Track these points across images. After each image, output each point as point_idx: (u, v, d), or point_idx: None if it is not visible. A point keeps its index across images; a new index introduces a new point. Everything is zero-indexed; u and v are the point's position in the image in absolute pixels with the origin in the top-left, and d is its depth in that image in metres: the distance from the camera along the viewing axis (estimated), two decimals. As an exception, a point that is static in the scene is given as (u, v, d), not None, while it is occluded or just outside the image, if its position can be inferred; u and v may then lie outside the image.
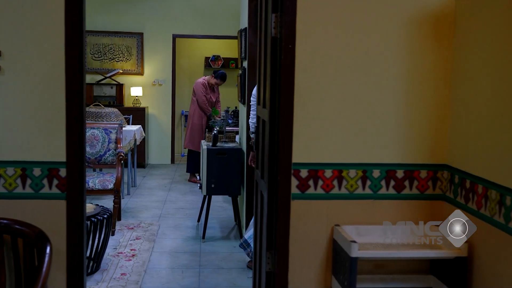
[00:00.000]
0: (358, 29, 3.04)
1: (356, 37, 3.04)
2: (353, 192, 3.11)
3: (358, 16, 3.03)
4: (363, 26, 3.04)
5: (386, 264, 3.15)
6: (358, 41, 3.04)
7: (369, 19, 3.03)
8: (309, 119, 3.04)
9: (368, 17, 3.02)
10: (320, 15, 3.01)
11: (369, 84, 3.06)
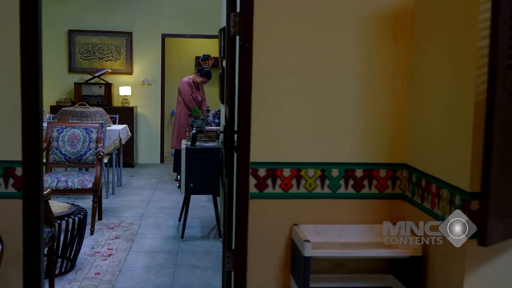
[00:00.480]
0: (317, 28, 3.03)
1: (314, 36, 3.03)
2: (312, 191, 3.10)
3: (316, 15, 3.02)
4: (321, 25, 3.03)
5: (345, 263, 3.14)
6: (316, 40, 3.03)
7: (327, 18, 3.02)
8: (268, 118, 3.04)
9: (326, 16, 3.02)
10: (278, 14, 3.00)
11: (328, 83, 3.05)
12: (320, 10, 2.99)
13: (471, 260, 2.47)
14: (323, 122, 3.05)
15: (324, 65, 3.02)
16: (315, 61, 3.02)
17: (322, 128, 3.05)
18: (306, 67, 3.02)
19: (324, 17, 3.00)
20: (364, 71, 3.04)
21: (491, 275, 2.49)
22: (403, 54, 3.05)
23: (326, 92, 3.04)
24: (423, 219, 2.85)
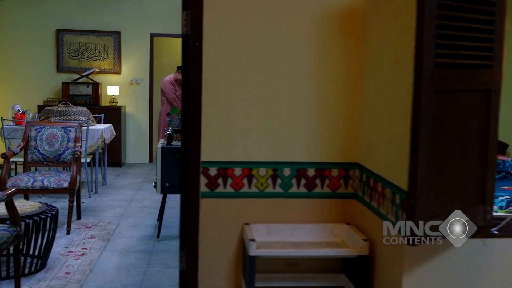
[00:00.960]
0: (268, 26, 3.02)
1: (265, 34, 3.02)
2: (263, 190, 3.09)
3: (267, 14, 3.01)
4: (273, 24, 3.02)
5: (298, 263, 3.14)
6: (267, 39, 3.03)
7: (278, 16, 3.01)
8: (218, 117, 3.03)
9: (278, 15, 3.01)
10: (228, 12, 3.00)
11: (279, 83, 3.04)
12: (271, 8, 2.99)
13: (409, 259, 2.47)
14: (274, 121, 3.04)
15: (275, 64, 3.01)
16: (267, 60, 3.01)
17: (273, 127, 3.04)
18: (257, 66, 3.01)
19: (275, 16, 2.99)
20: (316, 70, 3.03)
21: (429, 274, 2.48)
22: (355, 53, 3.04)
23: (278, 91, 3.03)
24: (372, 218, 2.85)
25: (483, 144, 2.34)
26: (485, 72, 2.29)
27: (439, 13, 2.07)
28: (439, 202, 2.20)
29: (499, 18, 2.30)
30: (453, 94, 2.18)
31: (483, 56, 2.29)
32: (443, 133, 2.17)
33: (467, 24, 2.18)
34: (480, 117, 2.32)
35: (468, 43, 2.21)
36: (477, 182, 2.35)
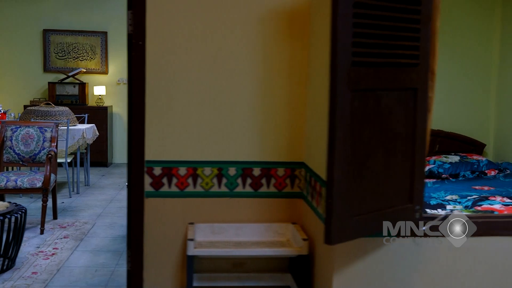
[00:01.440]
0: (212, 26, 3.02)
1: (209, 34, 3.02)
2: (208, 190, 3.09)
3: (212, 13, 3.01)
4: (217, 23, 3.02)
5: (245, 262, 3.13)
6: (211, 38, 3.02)
7: (222, 16, 3.01)
8: (163, 116, 3.03)
9: (222, 14, 3.00)
10: (172, 12, 2.99)
11: (224, 82, 3.04)
12: (215, 8, 2.98)
13: (340, 258, 2.46)
14: (219, 120, 3.04)
15: (220, 64, 3.01)
16: (211, 60, 3.01)
17: (218, 127, 3.04)
18: (202, 65, 3.01)
19: (219, 15, 2.99)
20: (262, 70, 3.02)
21: (360, 272, 2.47)
22: (300, 52, 3.04)
23: (223, 90, 3.02)
24: (313, 217, 2.84)
25: (410, 144, 2.32)
26: (411, 71, 2.28)
27: (355, 12, 2.05)
28: (361, 200, 2.19)
29: (425, 17, 2.28)
30: (374, 93, 2.17)
31: (408, 55, 2.27)
32: (364, 132, 2.16)
33: (388, 23, 2.17)
34: (407, 116, 2.30)
35: (390, 42, 2.19)
36: (405, 181, 2.34)
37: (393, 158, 2.28)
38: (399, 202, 2.34)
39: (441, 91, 6.45)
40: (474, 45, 6.50)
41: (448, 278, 2.51)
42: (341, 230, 2.13)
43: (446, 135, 6.52)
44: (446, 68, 6.47)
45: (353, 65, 2.07)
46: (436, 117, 6.34)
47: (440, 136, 6.51)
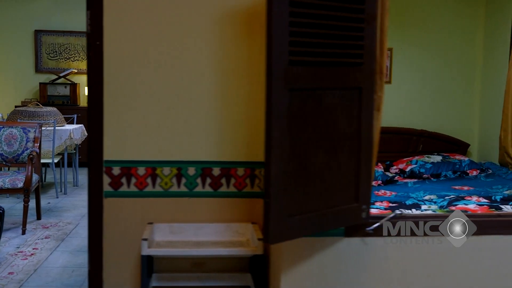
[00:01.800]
0: (170, 25, 3.02)
1: (168, 34, 3.02)
2: (167, 190, 3.08)
3: (170, 12, 3.01)
4: (176, 23, 3.02)
5: (205, 262, 3.13)
6: (170, 38, 3.02)
7: (181, 15, 3.01)
8: (121, 116, 3.03)
9: (181, 14, 3.00)
10: (130, 11, 3.00)
11: (183, 81, 3.04)
12: (174, 7, 2.98)
13: (288, 258, 2.46)
14: (178, 120, 3.03)
15: (178, 63, 3.00)
16: (170, 59, 3.01)
17: (177, 127, 3.04)
18: (160, 65, 3.01)
19: (178, 14, 2.98)
20: (220, 69, 3.02)
21: (308, 272, 2.47)
22: (258, 52, 3.03)
23: (181, 90, 3.02)
24: (268, 217, 2.82)
25: (356, 143, 2.32)
26: (356, 70, 2.27)
27: (291, 11, 2.05)
28: (303, 200, 2.18)
29: (369, 16, 2.28)
30: (315, 92, 2.16)
31: (351, 54, 2.27)
32: (305, 131, 2.16)
33: (329, 22, 2.16)
34: (351, 115, 2.30)
35: (332, 41, 2.19)
36: (350, 180, 2.33)
37: (337, 157, 2.27)
38: (344, 201, 2.33)
39: (426, 92, 6.44)
40: (459, 45, 6.49)
41: (396, 277, 2.50)
42: (280, 229, 2.12)
43: (430, 135, 6.51)
44: (431, 69, 6.46)
45: (290, 64, 2.07)
46: (421, 117, 6.34)
47: (423, 136, 6.51)
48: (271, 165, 2.07)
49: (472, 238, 2.50)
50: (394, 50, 6.42)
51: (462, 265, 2.50)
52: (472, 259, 2.51)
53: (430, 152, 6.33)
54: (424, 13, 6.32)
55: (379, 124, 2.51)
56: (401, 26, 6.38)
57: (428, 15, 6.42)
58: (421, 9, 6.32)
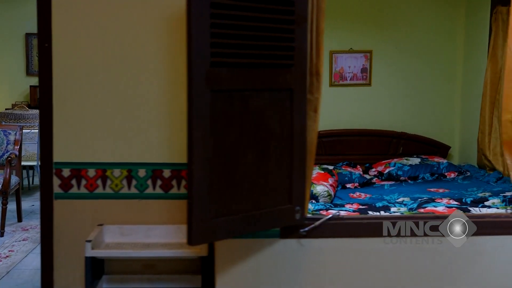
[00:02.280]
0: (119, 26, 3.03)
1: (117, 36, 3.03)
2: (118, 191, 3.09)
3: (118, 13, 3.01)
4: (124, 24, 3.03)
5: (156, 264, 3.13)
6: (118, 40, 3.03)
7: (130, 16, 3.01)
8: (71, 118, 3.04)
9: (129, 15, 3.01)
10: (78, 13, 3.00)
11: (133, 83, 3.05)
12: (122, 7, 2.98)
13: (221, 259, 2.46)
14: (128, 122, 3.04)
15: (127, 65, 3.01)
16: (119, 61, 3.02)
17: (128, 129, 3.04)
18: (109, 67, 3.02)
19: (126, 15, 2.99)
20: (169, 71, 3.03)
21: (243, 273, 2.47)
22: (208, 54, 3.02)
23: (132, 92, 3.03)
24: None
25: (288, 144, 2.32)
26: (286, 72, 2.27)
27: (212, 12, 2.05)
28: (230, 201, 2.18)
29: (300, 18, 2.28)
30: (242, 93, 2.17)
31: (281, 56, 2.27)
32: (231, 132, 2.16)
33: (256, 23, 2.17)
34: (282, 117, 2.30)
35: (259, 42, 2.19)
36: (283, 182, 2.33)
37: (268, 158, 2.28)
38: (277, 203, 2.33)
39: (406, 94, 6.43)
40: (440, 47, 6.46)
41: (332, 279, 2.49)
42: (204, 231, 2.13)
43: (410, 138, 6.50)
44: (411, 70, 6.44)
45: (212, 66, 2.07)
46: (402, 119, 6.33)
47: (404, 138, 6.49)
48: (193, 166, 2.07)
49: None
50: (373, 52, 6.40)
51: (398, 266, 2.49)
52: (409, 260, 2.50)
53: (411, 154, 6.32)
54: (403, 14, 6.31)
55: (317, 125, 2.52)
56: (380, 28, 6.37)
57: (408, 16, 6.40)
58: (400, 10, 6.31)
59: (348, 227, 2.51)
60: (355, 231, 2.50)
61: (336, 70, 6.43)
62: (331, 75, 6.44)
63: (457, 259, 2.49)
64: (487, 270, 2.48)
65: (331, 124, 6.49)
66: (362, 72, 6.47)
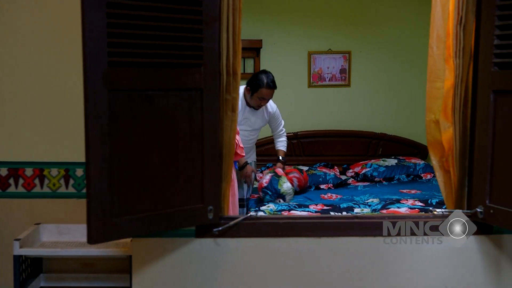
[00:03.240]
0: (54, 28, 3.05)
1: (48, 37, 3.05)
2: (55, 190, 3.12)
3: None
4: (59, 25, 3.05)
5: (95, 263, 3.16)
6: (51, 42, 3.05)
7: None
8: (8, 118, 3.08)
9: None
10: (10, 13, 3.03)
11: (67, 83, 3.07)
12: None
13: (137, 258, 2.46)
14: (65, 122, 3.07)
15: (61, 66, 3.03)
16: (52, 63, 3.04)
17: (65, 128, 3.07)
18: (45, 68, 3.05)
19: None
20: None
21: (159, 273, 2.47)
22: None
23: (67, 92, 3.05)
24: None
25: (199, 144, 2.32)
26: (194, 72, 2.28)
27: (109, 12, 2.06)
28: (132, 200, 2.19)
29: (209, 18, 2.28)
30: (144, 93, 2.17)
31: (188, 55, 2.27)
32: (134, 132, 2.16)
33: (159, 23, 2.17)
34: (192, 116, 2.30)
35: (163, 42, 2.19)
36: (194, 181, 2.34)
37: (177, 158, 2.28)
38: (188, 202, 2.33)
39: (386, 94, 6.39)
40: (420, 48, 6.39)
41: (248, 278, 2.49)
42: (104, 230, 2.13)
43: (390, 139, 6.45)
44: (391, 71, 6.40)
45: (110, 65, 2.08)
46: (381, 120, 6.29)
47: (383, 139, 6.45)
48: (90, 165, 2.08)
49: (324, 240, 2.48)
50: (352, 52, 6.38)
51: (316, 266, 2.48)
52: (321, 261, 2.49)
53: (389, 155, 6.28)
54: (382, 14, 6.27)
55: (235, 124, 2.52)
56: (359, 28, 6.34)
57: (387, 17, 6.36)
58: (379, 11, 6.27)
59: (265, 227, 2.50)
60: (271, 231, 2.49)
61: (315, 71, 6.41)
62: (309, 76, 6.42)
63: (377, 258, 2.48)
64: (402, 272, 2.47)
65: (310, 125, 6.47)
66: (341, 73, 6.44)
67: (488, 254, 2.50)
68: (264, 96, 4.50)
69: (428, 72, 2.59)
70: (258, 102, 4.48)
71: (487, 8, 2.36)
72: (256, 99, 4.48)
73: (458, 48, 2.50)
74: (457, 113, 2.54)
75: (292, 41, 6.30)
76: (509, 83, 2.31)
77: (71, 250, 2.88)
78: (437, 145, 2.66)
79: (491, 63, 2.35)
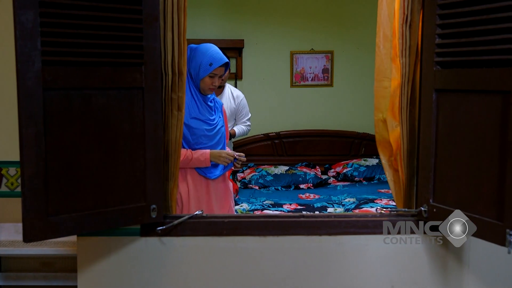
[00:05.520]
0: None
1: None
2: (14, 190, 3.13)
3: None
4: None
5: (55, 262, 3.17)
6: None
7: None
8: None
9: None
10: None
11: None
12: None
13: (83, 256, 2.47)
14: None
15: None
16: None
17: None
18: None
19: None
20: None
21: (104, 272, 2.48)
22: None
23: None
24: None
25: (140, 143, 2.33)
26: (134, 71, 2.29)
27: (41, 11, 2.07)
28: (70, 199, 2.20)
29: (149, 17, 2.29)
30: (83, 92, 2.18)
31: (127, 54, 2.28)
32: (72, 131, 2.17)
33: (92, 23, 2.17)
34: (133, 115, 2.31)
35: (99, 41, 2.20)
36: (136, 180, 2.35)
37: (117, 157, 2.29)
38: (129, 201, 2.34)
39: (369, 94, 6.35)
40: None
41: (194, 277, 2.50)
42: (40, 228, 2.13)
43: (373, 138, 6.42)
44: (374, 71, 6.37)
45: (45, 64, 2.09)
46: (364, 120, 6.28)
47: (366, 139, 6.45)
48: (25, 164, 2.09)
49: (270, 239, 2.48)
50: (335, 52, 6.37)
51: (260, 265, 2.49)
52: (266, 260, 2.49)
53: (372, 155, 6.27)
54: (365, 14, 6.25)
55: (181, 123, 2.52)
56: (341, 28, 6.34)
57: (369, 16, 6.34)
58: (361, 10, 6.26)
59: (210, 226, 2.51)
60: (216, 230, 2.50)
61: (297, 71, 6.41)
62: (292, 76, 6.42)
63: (323, 258, 2.48)
64: (348, 270, 2.47)
65: (292, 124, 6.47)
66: (323, 72, 6.44)
67: (434, 252, 2.49)
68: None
69: (376, 71, 2.59)
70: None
71: (429, 7, 2.35)
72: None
73: (404, 47, 2.50)
74: (404, 113, 2.54)
75: (274, 41, 6.30)
76: (451, 82, 2.30)
77: (26, 249, 2.89)
78: (385, 144, 2.66)
79: (433, 62, 2.34)
